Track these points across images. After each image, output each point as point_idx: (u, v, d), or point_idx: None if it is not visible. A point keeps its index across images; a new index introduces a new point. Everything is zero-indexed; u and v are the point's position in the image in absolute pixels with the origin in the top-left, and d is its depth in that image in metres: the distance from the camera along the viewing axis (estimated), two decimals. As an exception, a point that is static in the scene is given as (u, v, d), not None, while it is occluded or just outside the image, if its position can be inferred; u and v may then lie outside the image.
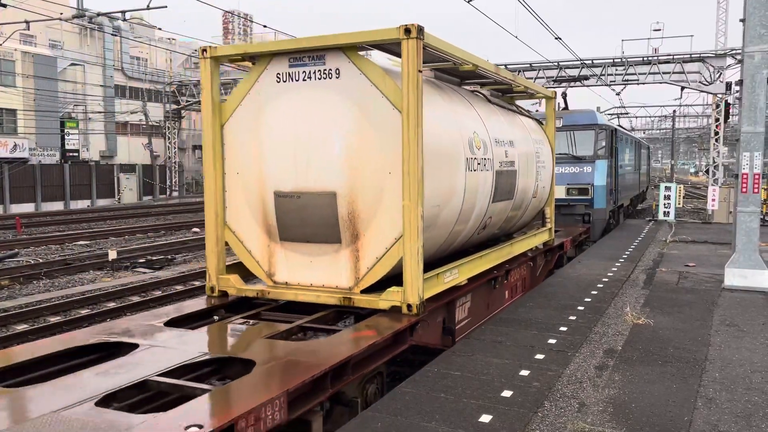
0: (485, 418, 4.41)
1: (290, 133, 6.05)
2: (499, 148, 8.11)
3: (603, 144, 16.06)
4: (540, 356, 5.85)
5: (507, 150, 8.42)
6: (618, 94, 29.36)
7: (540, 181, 10.21)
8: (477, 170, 7.17)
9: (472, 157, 7.04)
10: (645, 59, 24.67)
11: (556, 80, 24.75)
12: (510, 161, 8.49)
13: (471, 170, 6.98)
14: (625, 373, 5.48)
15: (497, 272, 8.26)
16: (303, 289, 6.20)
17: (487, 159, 7.56)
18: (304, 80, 6.03)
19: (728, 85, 23.10)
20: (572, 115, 16.44)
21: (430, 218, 6.14)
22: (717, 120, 25.35)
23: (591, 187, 15.69)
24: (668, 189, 20.05)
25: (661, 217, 20.06)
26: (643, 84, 24.79)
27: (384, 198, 5.76)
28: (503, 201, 8.43)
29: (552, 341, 6.34)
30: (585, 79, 24.90)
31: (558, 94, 12.32)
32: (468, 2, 14.51)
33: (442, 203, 6.42)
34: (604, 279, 9.89)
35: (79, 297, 11.83)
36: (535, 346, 6.15)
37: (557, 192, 12.98)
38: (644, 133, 61.73)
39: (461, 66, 7.13)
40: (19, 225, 23.44)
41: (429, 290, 6.05)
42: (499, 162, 8.03)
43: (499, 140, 8.18)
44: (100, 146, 45.10)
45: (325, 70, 5.95)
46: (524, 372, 5.39)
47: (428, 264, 6.12)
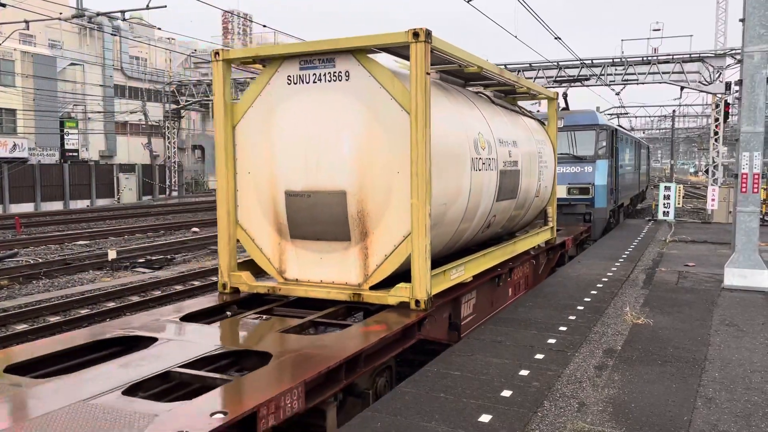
0: (485, 418, 4.41)
1: (301, 134, 6.17)
2: (503, 148, 8.19)
3: (603, 144, 16.10)
4: (540, 356, 5.85)
5: (510, 150, 8.50)
6: (617, 94, 29.37)
7: (542, 181, 10.26)
8: (482, 170, 7.27)
9: (477, 157, 7.14)
10: (644, 59, 24.66)
11: (556, 80, 24.76)
12: (513, 161, 8.57)
13: (476, 170, 7.09)
14: (625, 373, 5.48)
15: (501, 270, 8.36)
16: (313, 286, 6.33)
17: (492, 159, 7.65)
18: (315, 82, 6.15)
19: (728, 85, 23.10)
20: (573, 116, 16.46)
21: (437, 216, 6.25)
22: (716, 120, 25.35)
23: (592, 187, 15.75)
24: (668, 189, 20.05)
25: (661, 217, 20.07)
26: (643, 84, 24.77)
27: (392, 197, 5.88)
28: (507, 200, 8.52)
29: (552, 341, 6.34)
30: (585, 80, 24.90)
31: (558, 95, 12.35)
32: (468, 2, 14.51)
33: (449, 202, 6.54)
34: (604, 279, 9.90)
35: (79, 297, 11.82)
36: (535, 346, 6.15)
37: (558, 191, 13.02)
38: (644, 133, 61.76)
39: (466, 68, 7.22)
40: (19, 225, 23.43)
41: (436, 287, 6.18)
42: (503, 162, 8.12)
43: (503, 140, 8.27)
44: (100, 146, 45.12)
45: (335, 73, 6.07)
46: (524, 372, 5.40)
47: (434, 262, 6.23)
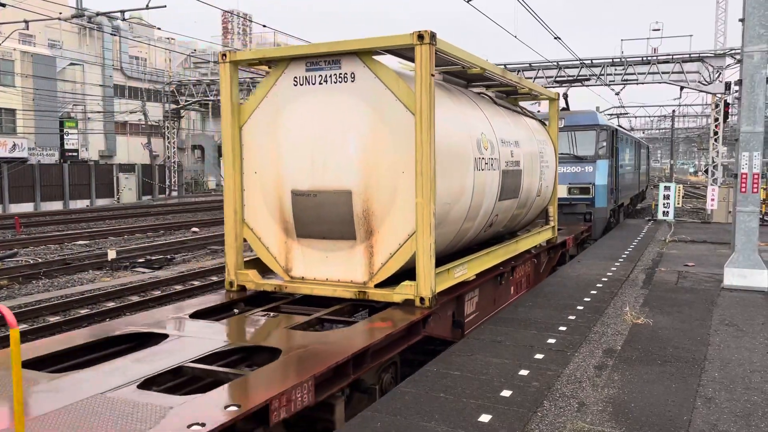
0: (485, 418, 4.41)
1: (307, 135, 6.26)
2: (505, 148, 8.26)
3: (604, 144, 16.15)
4: (539, 356, 5.85)
5: (513, 150, 8.57)
6: (617, 94, 29.37)
7: (544, 181, 10.32)
8: (485, 170, 7.36)
9: (480, 157, 7.23)
10: (644, 59, 24.65)
11: (556, 80, 24.75)
12: (515, 161, 8.64)
13: (479, 170, 7.18)
14: (625, 373, 5.48)
15: (503, 268, 8.44)
16: (319, 284, 6.44)
17: (494, 159, 7.73)
18: (321, 84, 6.24)
19: (727, 85, 23.09)
20: (574, 116, 16.49)
21: (441, 215, 6.35)
22: (716, 120, 25.34)
23: (592, 187, 15.82)
24: (667, 189, 20.05)
25: (661, 217, 20.06)
26: (643, 84, 24.77)
27: (397, 196, 5.98)
28: (509, 199, 8.59)
29: (551, 341, 6.34)
30: (585, 80, 24.89)
31: (559, 95, 12.39)
32: (467, 2, 14.51)
33: (453, 201, 6.63)
34: (604, 279, 9.90)
35: (78, 297, 11.81)
36: (535, 346, 6.15)
37: (559, 191, 13.06)
38: (643, 133, 61.74)
39: (469, 69, 7.32)
40: (18, 225, 23.42)
41: (440, 285, 6.29)
42: (505, 162, 8.19)
43: (505, 140, 8.34)
44: (100, 146, 45.10)
45: (341, 74, 6.16)
46: (524, 372, 5.40)
47: (437, 260, 6.32)
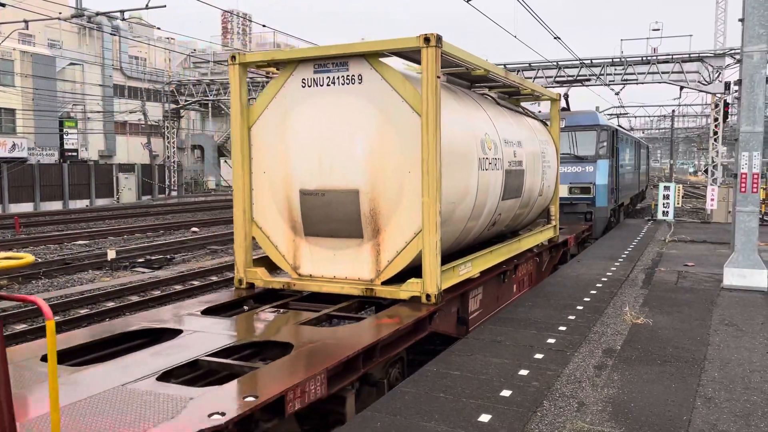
0: (484, 418, 4.41)
1: (315, 135, 6.38)
2: (509, 148, 8.36)
3: (604, 144, 16.21)
4: (539, 356, 5.85)
5: (515, 150, 8.67)
6: (617, 94, 29.39)
7: (546, 180, 10.39)
8: (488, 169, 7.48)
9: (484, 157, 7.33)
10: (644, 59, 24.66)
11: (556, 80, 24.76)
12: (518, 161, 8.74)
13: (483, 169, 7.29)
14: (624, 373, 5.48)
15: (506, 267, 8.54)
16: (327, 281, 6.56)
17: (498, 159, 7.84)
18: (329, 85, 6.35)
19: (727, 85, 23.10)
20: (574, 116, 16.53)
21: (447, 214, 6.45)
22: (716, 120, 25.34)
23: (593, 186, 15.89)
24: (667, 189, 20.05)
25: (660, 217, 20.07)
26: (642, 84, 24.79)
27: (404, 195, 6.09)
28: (512, 199, 8.70)
29: (551, 341, 6.34)
30: (585, 80, 24.90)
31: (560, 96, 12.44)
32: (467, 2, 14.51)
33: (458, 200, 6.74)
34: (603, 279, 9.90)
35: (78, 297, 11.81)
36: (535, 346, 6.16)
37: (560, 191, 13.11)
38: (643, 133, 61.78)
39: (473, 71, 7.44)
40: (18, 225, 23.41)
41: (445, 282, 6.40)
42: (509, 161, 8.29)
43: (508, 141, 8.44)
44: (99, 146, 45.09)
45: (349, 76, 6.26)
46: (523, 371, 5.40)
47: (442, 258, 6.40)
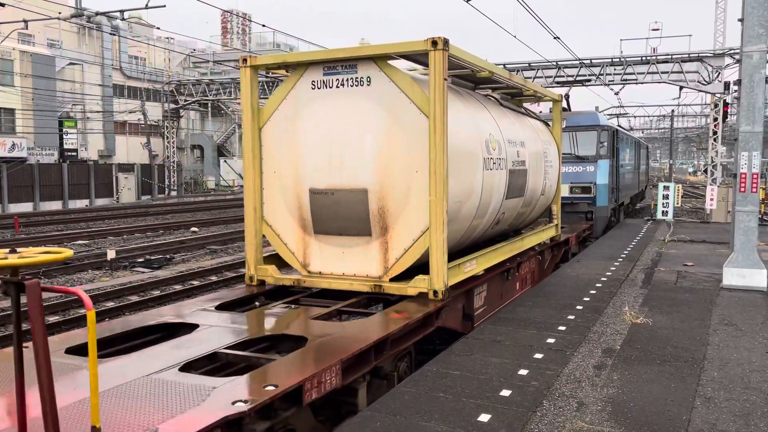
0: (484, 418, 4.41)
1: (325, 136, 6.50)
2: (512, 148, 8.46)
3: (605, 144, 16.30)
4: (539, 355, 5.85)
5: (518, 150, 8.77)
6: (616, 94, 29.42)
7: (548, 180, 10.49)
8: (493, 169, 7.60)
9: (489, 157, 7.46)
10: (643, 59, 24.67)
11: (556, 80, 24.77)
12: (521, 161, 8.85)
13: (488, 169, 7.42)
14: (624, 373, 5.49)
15: (510, 264, 8.67)
16: (336, 278, 6.69)
17: (502, 159, 7.95)
18: (338, 87, 6.47)
19: (726, 85, 23.10)
20: (575, 117, 16.59)
21: (453, 212, 6.59)
22: (715, 120, 25.35)
23: (593, 186, 16.00)
24: (667, 188, 20.05)
25: (660, 217, 20.07)
26: (642, 84, 24.80)
27: (411, 194, 6.21)
28: (515, 198, 8.81)
29: (551, 341, 6.35)
30: (585, 80, 24.90)
31: (562, 96, 12.50)
32: (467, 2, 14.51)
33: (463, 199, 6.87)
34: (603, 278, 9.90)
35: (78, 296, 11.79)
36: (534, 346, 6.16)
37: (561, 190, 13.17)
38: (643, 133, 61.80)
39: (478, 73, 7.56)
40: (18, 224, 23.41)
41: (451, 279, 6.53)
42: (512, 161, 8.41)
43: (512, 141, 8.55)
44: (99, 146, 45.08)
45: (357, 78, 6.38)
46: (523, 371, 5.40)
47: (448, 255, 6.48)
